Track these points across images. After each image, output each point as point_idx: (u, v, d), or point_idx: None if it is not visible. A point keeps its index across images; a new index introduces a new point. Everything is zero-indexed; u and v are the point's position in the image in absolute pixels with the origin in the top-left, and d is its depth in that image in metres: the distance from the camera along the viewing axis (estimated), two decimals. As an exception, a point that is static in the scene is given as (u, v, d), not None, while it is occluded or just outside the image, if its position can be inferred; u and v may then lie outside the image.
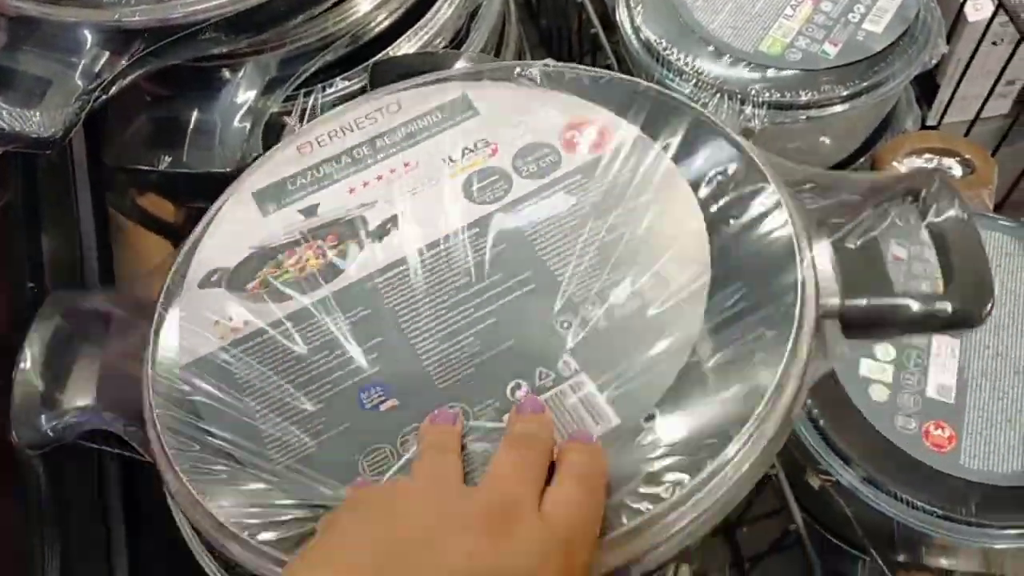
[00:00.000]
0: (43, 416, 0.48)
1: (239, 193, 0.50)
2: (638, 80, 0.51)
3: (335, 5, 0.57)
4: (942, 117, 0.79)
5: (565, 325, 0.43)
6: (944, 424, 0.50)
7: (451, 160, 0.50)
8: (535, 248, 0.46)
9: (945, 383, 0.52)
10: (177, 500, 0.42)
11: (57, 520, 0.56)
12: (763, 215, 0.44)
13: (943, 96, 0.78)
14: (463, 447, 0.39)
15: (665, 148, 0.47)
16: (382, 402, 0.42)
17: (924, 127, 0.78)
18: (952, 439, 0.50)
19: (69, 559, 0.56)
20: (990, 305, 0.40)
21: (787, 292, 0.41)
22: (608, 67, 0.69)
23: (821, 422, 0.52)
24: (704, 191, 0.45)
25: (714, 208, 0.45)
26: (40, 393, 0.48)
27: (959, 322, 0.41)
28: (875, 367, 0.52)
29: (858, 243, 0.44)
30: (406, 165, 0.50)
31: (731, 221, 0.44)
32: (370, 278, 0.46)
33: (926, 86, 0.76)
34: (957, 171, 0.63)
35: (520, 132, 0.50)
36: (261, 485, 0.41)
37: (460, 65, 0.59)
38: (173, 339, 0.46)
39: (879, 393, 0.52)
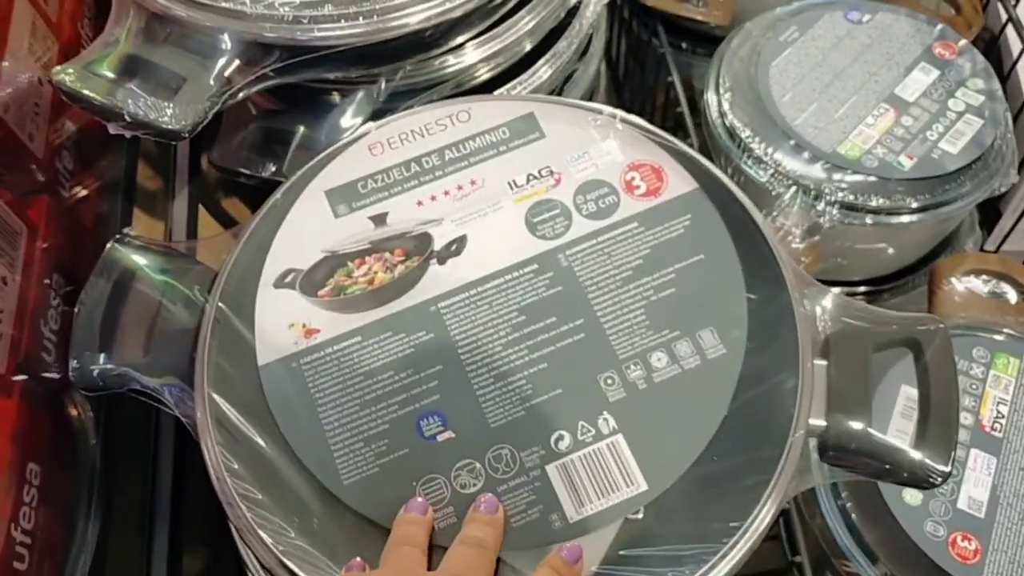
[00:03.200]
0: (98, 361, 0.49)
1: (312, 189, 0.53)
2: (705, 163, 0.53)
3: (447, 51, 0.61)
4: (1001, 243, 0.81)
5: (609, 381, 0.45)
6: (972, 536, 0.52)
7: (515, 185, 0.52)
8: (588, 295, 0.48)
9: (977, 497, 0.53)
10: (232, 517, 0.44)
11: (103, 491, 0.58)
12: (776, 322, 0.46)
13: (1005, 224, 0.80)
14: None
15: (721, 212, 0.50)
16: (440, 432, 0.45)
17: (982, 250, 0.80)
18: (978, 552, 0.51)
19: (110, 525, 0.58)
20: (942, 479, 0.43)
21: (788, 402, 0.44)
22: (689, 147, 0.72)
23: (853, 516, 0.53)
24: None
25: (752, 296, 0.47)
26: (97, 339, 0.50)
27: (913, 482, 0.44)
28: (912, 471, 0.54)
29: (851, 372, 0.46)
30: (472, 183, 0.52)
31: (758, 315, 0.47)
32: (434, 301, 0.48)
33: (989, 211, 0.79)
34: (1012, 296, 0.65)
35: (583, 165, 0.52)
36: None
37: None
38: (247, 333, 0.48)
39: (912, 496, 0.53)
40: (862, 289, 0.73)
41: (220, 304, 0.48)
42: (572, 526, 0.42)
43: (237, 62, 0.52)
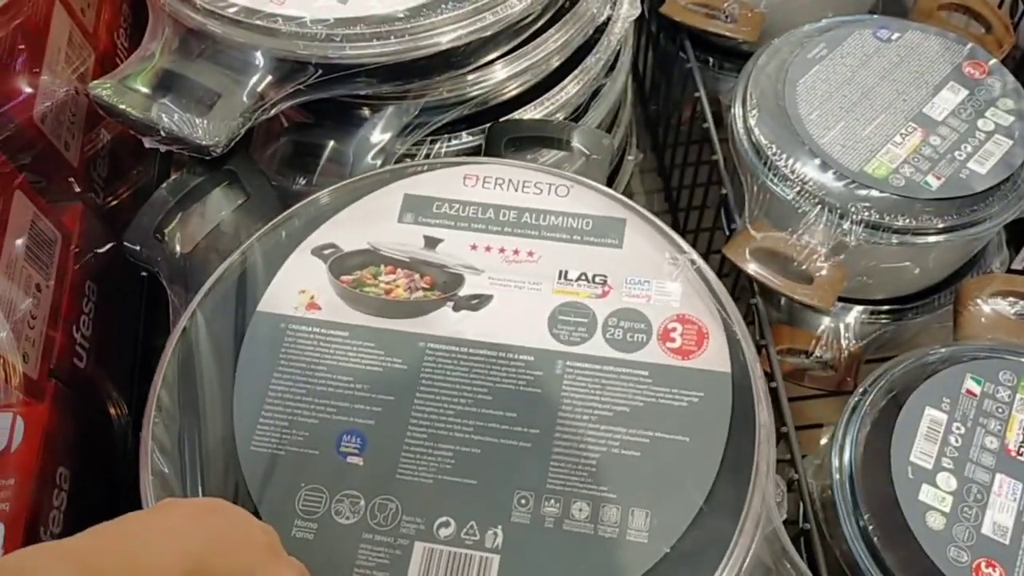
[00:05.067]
0: (152, 238, 0.54)
1: (394, 187, 0.54)
2: (747, 352, 0.49)
3: (476, 69, 0.61)
4: (1029, 263, 0.81)
5: (522, 501, 0.44)
6: (996, 564, 0.51)
7: (564, 276, 0.51)
8: (558, 412, 0.46)
9: (1002, 523, 0.53)
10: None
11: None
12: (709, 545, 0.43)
13: (1033, 243, 0.80)
14: None
15: (733, 409, 0.46)
16: (353, 455, 0.45)
17: (1010, 270, 0.80)
18: (1001, 579, 0.51)
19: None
20: None
21: None
22: (714, 162, 0.72)
23: (875, 540, 0.53)
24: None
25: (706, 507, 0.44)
26: (158, 221, 0.54)
27: None
28: (935, 495, 0.53)
29: None
30: (529, 254, 0.52)
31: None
32: (426, 339, 0.48)
33: (1017, 231, 0.78)
34: (1040, 318, 0.65)
35: (636, 292, 0.50)
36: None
37: (576, 142, 0.63)
38: (265, 278, 0.51)
39: (935, 521, 0.53)
40: (886, 308, 0.73)
41: (256, 243, 0.52)
42: None
43: (270, 78, 0.53)
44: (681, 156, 0.85)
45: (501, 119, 0.64)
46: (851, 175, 0.65)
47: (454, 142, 0.64)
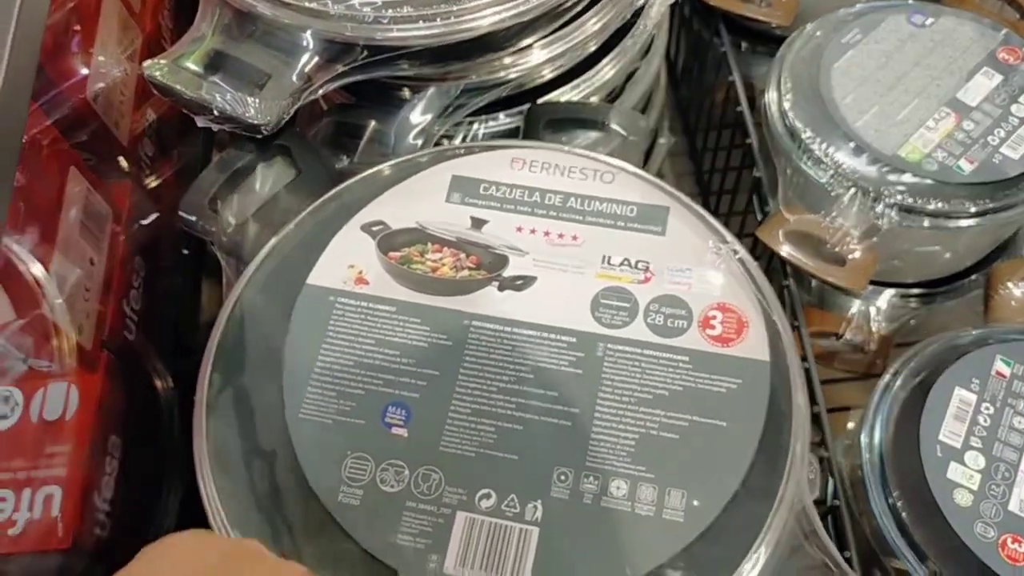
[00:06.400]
0: (207, 209, 0.56)
1: (443, 167, 0.56)
2: (786, 340, 0.50)
3: (514, 52, 0.62)
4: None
5: (562, 477, 0.45)
6: (1022, 539, 0.52)
7: (607, 261, 0.52)
8: (599, 393, 0.47)
9: (1030, 501, 0.54)
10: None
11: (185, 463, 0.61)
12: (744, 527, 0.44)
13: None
14: None
15: (772, 396, 0.47)
16: (398, 426, 0.47)
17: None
18: (1028, 556, 0.52)
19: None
20: None
21: None
22: (747, 146, 0.73)
23: (903, 515, 0.54)
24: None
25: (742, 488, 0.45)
26: (212, 192, 0.56)
27: None
28: (963, 472, 0.54)
29: None
30: (574, 238, 0.53)
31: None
32: (472, 317, 0.50)
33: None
34: (1070, 303, 0.65)
35: (679, 279, 0.51)
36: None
37: (614, 124, 0.63)
38: (316, 251, 0.52)
39: (963, 498, 0.54)
40: (917, 291, 0.73)
41: (307, 218, 0.53)
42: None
43: (317, 59, 0.54)
44: (713, 140, 0.86)
45: (539, 101, 0.66)
46: (885, 159, 0.65)
47: (492, 123, 0.65)
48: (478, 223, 0.54)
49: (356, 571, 0.44)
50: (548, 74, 0.65)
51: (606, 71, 0.68)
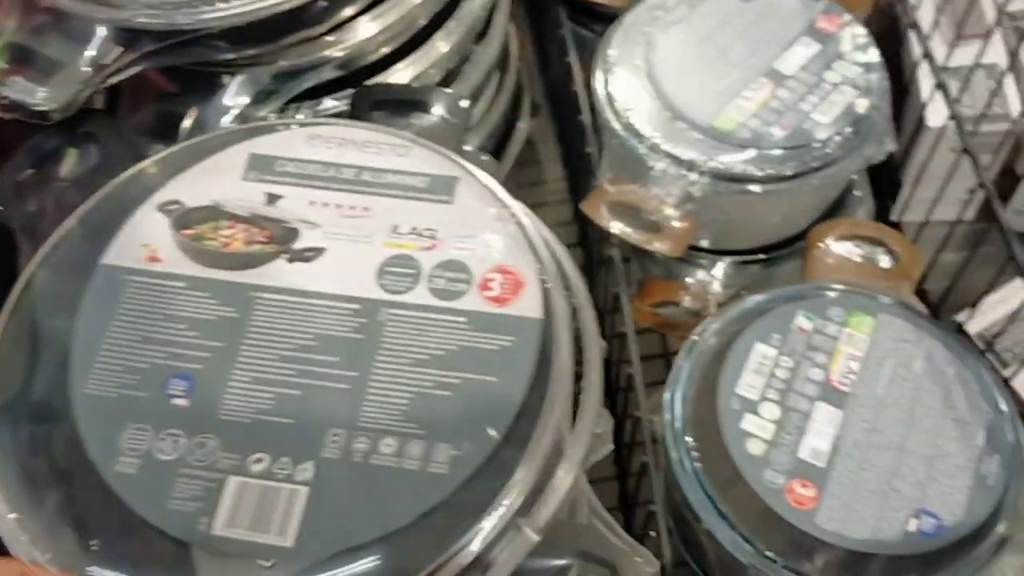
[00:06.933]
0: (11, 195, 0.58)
1: (241, 147, 0.56)
2: (559, 300, 0.51)
3: (332, 30, 0.64)
4: (901, 214, 0.84)
5: (334, 438, 0.46)
6: (809, 484, 0.54)
7: (395, 231, 0.53)
8: (377, 357, 0.48)
9: (819, 447, 0.56)
10: None
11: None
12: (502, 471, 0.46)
13: (904, 195, 0.83)
14: None
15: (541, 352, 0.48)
16: (179, 397, 0.48)
17: (887, 222, 0.82)
18: (815, 499, 0.54)
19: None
20: None
21: None
22: (580, 122, 0.75)
23: (698, 466, 0.56)
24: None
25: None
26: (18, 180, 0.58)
27: None
28: (756, 423, 0.56)
29: None
30: (365, 209, 0.54)
31: None
32: (258, 289, 0.51)
33: (880, 181, 0.81)
34: (884, 261, 0.67)
35: (463, 245, 0.52)
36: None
37: (436, 105, 0.65)
38: (108, 236, 0.53)
39: (755, 447, 0.56)
40: (753, 257, 0.76)
41: (102, 200, 0.54)
42: (211, 538, 0.44)
43: (114, 48, 0.56)
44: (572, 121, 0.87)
45: (365, 83, 0.67)
46: (699, 129, 0.67)
47: (319, 108, 0.67)
48: (273, 199, 0.55)
49: (135, 538, 0.45)
50: (374, 53, 0.67)
51: (439, 47, 0.69)
